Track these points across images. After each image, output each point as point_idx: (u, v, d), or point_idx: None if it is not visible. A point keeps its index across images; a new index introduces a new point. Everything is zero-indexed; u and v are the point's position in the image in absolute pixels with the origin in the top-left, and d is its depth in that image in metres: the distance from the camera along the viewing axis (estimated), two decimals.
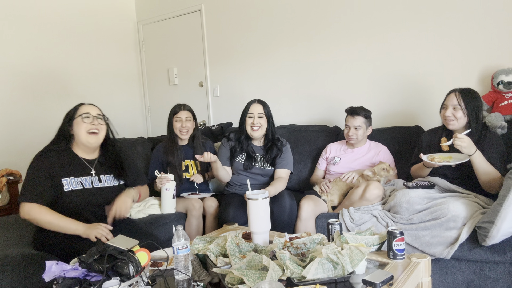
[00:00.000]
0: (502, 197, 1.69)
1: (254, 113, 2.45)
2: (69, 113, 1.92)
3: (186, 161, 2.67)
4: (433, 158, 2.01)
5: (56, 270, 1.23)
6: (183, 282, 1.34)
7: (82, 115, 1.87)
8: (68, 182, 1.85)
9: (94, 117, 1.90)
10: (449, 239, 1.81)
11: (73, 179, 1.86)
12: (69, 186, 1.84)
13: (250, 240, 1.63)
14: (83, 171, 1.91)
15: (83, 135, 1.87)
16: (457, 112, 2.03)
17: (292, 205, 2.25)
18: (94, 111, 1.92)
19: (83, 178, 1.89)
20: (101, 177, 1.95)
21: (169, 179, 2.40)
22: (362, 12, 2.91)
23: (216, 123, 3.71)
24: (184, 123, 2.60)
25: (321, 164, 2.69)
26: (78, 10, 3.74)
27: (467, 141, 1.87)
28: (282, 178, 2.46)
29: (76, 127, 1.88)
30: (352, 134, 2.47)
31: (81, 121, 1.87)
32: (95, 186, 1.92)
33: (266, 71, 3.45)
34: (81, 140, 1.89)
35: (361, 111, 2.45)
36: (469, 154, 1.90)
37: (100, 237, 1.74)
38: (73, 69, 3.71)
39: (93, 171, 1.94)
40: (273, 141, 2.51)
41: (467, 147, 1.87)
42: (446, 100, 2.09)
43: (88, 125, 1.87)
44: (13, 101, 3.30)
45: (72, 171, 1.87)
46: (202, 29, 3.78)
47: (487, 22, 2.47)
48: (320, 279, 1.26)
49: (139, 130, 4.29)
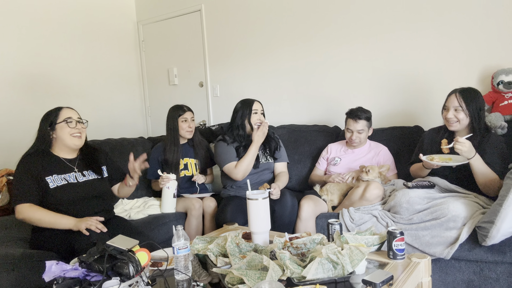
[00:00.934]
0: (502, 197, 1.69)
1: (258, 110, 2.49)
2: (48, 118, 1.98)
3: (185, 159, 2.70)
4: (432, 158, 2.01)
5: (56, 270, 1.23)
6: (183, 282, 1.34)
7: (66, 120, 1.96)
8: (52, 179, 1.91)
9: (76, 121, 1.99)
10: (449, 239, 1.81)
11: (56, 176, 1.93)
12: (54, 183, 1.91)
13: (250, 240, 1.63)
14: (66, 169, 1.98)
15: (68, 138, 1.96)
16: (458, 114, 2.03)
17: (294, 204, 2.26)
18: (75, 115, 2.01)
19: (66, 175, 1.96)
20: (84, 172, 2.03)
21: (171, 179, 2.41)
22: (362, 12, 2.90)
23: (216, 123, 3.71)
24: (190, 123, 2.68)
25: (321, 164, 2.69)
26: (78, 10, 3.74)
27: (468, 145, 1.86)
28: (284, 172, 2.57)
29: (60, 131, 1.96)
30: (356, 138, 2.47)
31: (65, 125, 1.95)
32: (79, 181, 1.99)
33: (266, 71, 3.45)
34: (65, 143, 1.97)
35: (362, 114, 2.44)
36: (468, 158, 1.89)
37: (90, 227, 1.79)
38: (73, 69, 3.71)
39: (76, 168, 2.01)
40: (270, 136, 2.58)
41: (467, 151, 1.86)
42: (447, 102, 2.08)
43: (72, 129, 1.97)
44: (13, 101, 3.30)
45: (54, 169, 1.94)
46: (202, 29, 3.78)
47: (487, 22, 2.47)
48: (320, 279, 1.26)
49: (139, 130, 4.29)
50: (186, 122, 2.67)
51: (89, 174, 2.05)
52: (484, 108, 2.06)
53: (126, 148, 2.89)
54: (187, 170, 2.70)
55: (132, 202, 2.61)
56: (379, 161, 2.48)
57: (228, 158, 2.42)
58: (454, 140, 1.89)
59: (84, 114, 3.69)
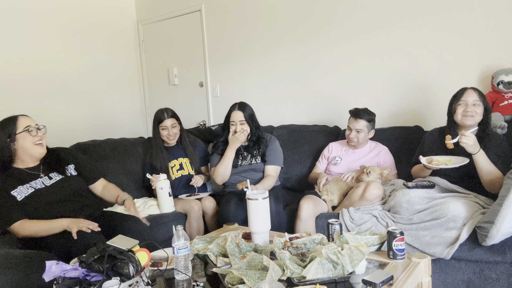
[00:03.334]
0: (502, 197, 1.69)
1: (235, 121, 2.47)
2: (5, 129, 1.88)
3: (179, 159, 2.70)
4: (431, 160, 2.01)
5: (56, 270, 1.23)
6: (183, 282, 1.35)
7: (27, 129, 1.89)
8: (18, 191, 1.87)
9: (36, 129, 1.93)
10: (449, 239, 1.81)
11: (21, 187, 1.88)
12: (21, 194, 1.87)
13: (250, 240, 1.63)
14: (30, 178, 1.94)
15: (31, 147, 1.91)
16: (477, 108, 2.05)
17: (278, 210, 2.26)
18: (33, 122, 1.95)
19: (32, 182, 1.92)
20: (50, 175, 1.99)
21: (160, 179, 2.42)
22: (362, 13, 2.90)
23: (216, 123, 3.71)
24: (170, 131, 2.63)
25: (322, 163, 2.68)
26: (78, 10, 3.74)
27: (473, 139, 1.88)
28: (271, 176, 2.51)
29: (22, 141, 1.88)
30: (353, 137, 2.47)
31: (27, 134, 1.89)
32: (47, 184, 1.95)
33: (266, 71, 3.45)
34: (29, 152, 1.91)
35: (364, 115, 2.44)
36: (473, 153, 1.90)
37: (81, 229, 1.77)
38: (73, 69, 3.70)
39: (42, 174, 1.97)
40: (258, 138, 2.56)
41: (472, 146, 1.88)
42: (464, 96, 2.08)
43: (35, 137, 1.91)
44: (13, 102, 3.29)
45: (18, 181, 1.89)
46: (202, 29, 3.78)
47: (487, 22, 2.47)
48: (320, 279, 1.26)
49: (139, 130, 4.29)
50: (166, 130, 2.63)
51: (56, 175, 2.00)
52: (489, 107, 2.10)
53: (126, 148, 2.89)
54: (183, 170, 2.70)
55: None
56: (380, 161, 2.48)
57: (212, 164, 2.55)
58: (459, 134, 1.90)
59: (84, 114, 3.76)
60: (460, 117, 2.09)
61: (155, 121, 2.67)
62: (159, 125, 2.64)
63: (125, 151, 2.87)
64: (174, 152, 2.71)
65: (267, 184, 2.45)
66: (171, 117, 2.65)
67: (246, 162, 2.54)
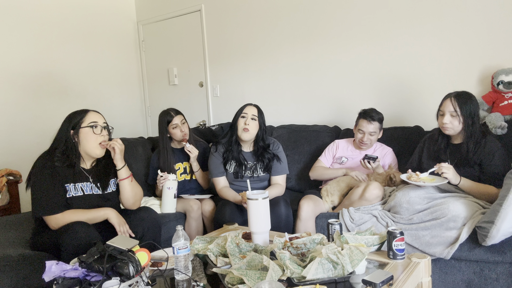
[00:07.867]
0: (502, 197, 1.69)
1: (248, 114, 2.38)
2: (72, 119, 1.83)
3: (184, 163, 2.67)
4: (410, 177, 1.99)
5: (56, 270, 1.23)
6: (183, 282, 1.35)
7: (92, 126, 1.82)
8: (69, 188, 1.83)
9: (102, 128, 1.85)
10: (449, 239, 1.81)
11: (72, 185, 1.84)
12: (71, 192, 1.83)
13: (250, 240, 1.63)
14: (82, 178, 1.88)
15: (92, 147, 1.83)
16: (454, 119, 2.01)
17: (288, 214, 2.22)
18: (101, 120, 1.87)
19: (83, 184, 1.87)
20: (98, 184, 1.92)
21: (170, 179, 2.41)
22: (362, 13, 2.90)
23: (216, 123, 3.70)
24: (182, 128, 2.58)
25: (327, 159, 2.61)
26: (78, 10, 3.74)
27: (452, 170, 1.90)
28: (279, 185, 2.45)
29: (84, 137, 1.81)
30: (367, 140, 2.42)
31: (90, 131, 1.81)
32: (94, 193, 1.90)
33: (266, 71, 3.45)
34: (87, 150, 1.84)
35: (376, 116, 2.39)
36: (456, 184, 1.93)
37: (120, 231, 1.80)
38: (73, 69, 3.71)
39: (91, 178, 1.91)
40: (264, 148, 2.45)
41: (452, 178, 1.91)
42: (443, 106, 2.05)
43: (98, 136, 1.83)
44: (13, 102, 3.30)
45: (72, 177, 1.84)
46: (202, 29, 3.78)
47: (487, 22, 2.47)
48: (320, 279, 1.26)
49: (139, 130, 4.29)
50: (177, 128, 2.57)
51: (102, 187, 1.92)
52: (478, 113, 2.03)
53: (126, 148, 2.88)
54: (187, 174, 2.68)
55: None
56: (385, 163, 2.47)
57: (215, 173, 2.47)
58: (437, 166, 1.91)
59: None
60: (440, 127, 2.09)
61: (163, 123, 2.59)
62: (169, 126, 2.57)
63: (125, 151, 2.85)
64: (180, 155, 2.69)
65: (274, 192, 2.39)
66: (179, 114, 2.62)
67: (249, 174, 2.47)
